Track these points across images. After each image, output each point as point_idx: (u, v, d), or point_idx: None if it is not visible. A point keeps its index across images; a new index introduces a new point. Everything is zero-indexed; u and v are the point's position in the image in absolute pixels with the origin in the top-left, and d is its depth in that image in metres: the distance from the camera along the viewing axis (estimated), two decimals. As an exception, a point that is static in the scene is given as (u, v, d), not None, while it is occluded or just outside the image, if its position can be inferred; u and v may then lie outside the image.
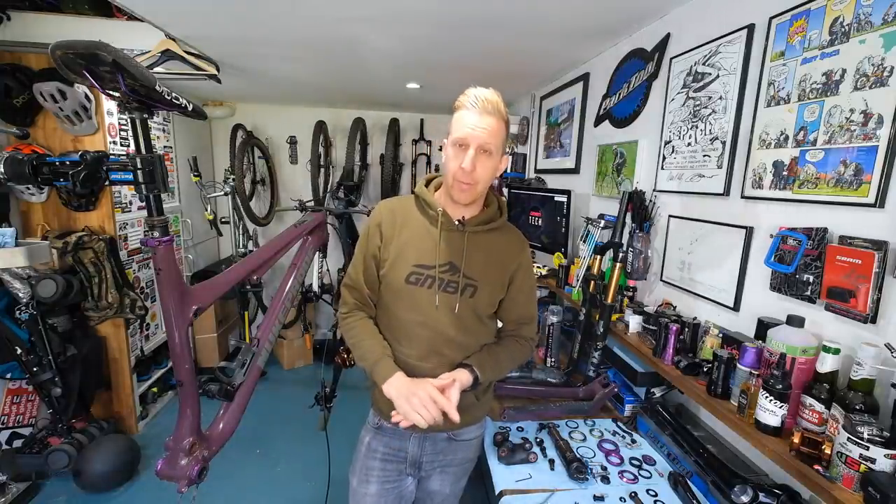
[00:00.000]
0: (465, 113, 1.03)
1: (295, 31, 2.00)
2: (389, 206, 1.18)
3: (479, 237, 1.14)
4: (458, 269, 1.11)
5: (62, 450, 2.21)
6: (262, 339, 1.34)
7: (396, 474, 1.23)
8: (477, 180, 1.05)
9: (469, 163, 1.01)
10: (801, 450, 0.98)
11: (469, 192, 1.06)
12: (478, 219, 1.14)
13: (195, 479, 1.07)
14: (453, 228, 1.12)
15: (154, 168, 0.96)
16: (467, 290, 1.11)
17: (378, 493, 1.21)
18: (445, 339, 1.12)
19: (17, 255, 2.02)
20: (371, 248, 1.16)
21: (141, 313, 2.63)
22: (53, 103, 2.21)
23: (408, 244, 1.12)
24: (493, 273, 1.14)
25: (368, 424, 1.28)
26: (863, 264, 0.97)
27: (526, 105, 3.34)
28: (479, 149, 1.02)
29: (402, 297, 1.12)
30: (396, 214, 1.16)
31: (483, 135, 1.01)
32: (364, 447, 1.24)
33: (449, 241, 1.12)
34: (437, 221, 1.11)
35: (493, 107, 1.02)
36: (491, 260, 1.14)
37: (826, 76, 1.11)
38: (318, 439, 2.14)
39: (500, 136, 1.05)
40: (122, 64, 0.81)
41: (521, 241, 1.21)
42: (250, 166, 3.81)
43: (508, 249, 1.17)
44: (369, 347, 1.13)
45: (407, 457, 1.22)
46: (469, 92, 1.04)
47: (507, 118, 1.06)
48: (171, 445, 1.07)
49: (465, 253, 1.11)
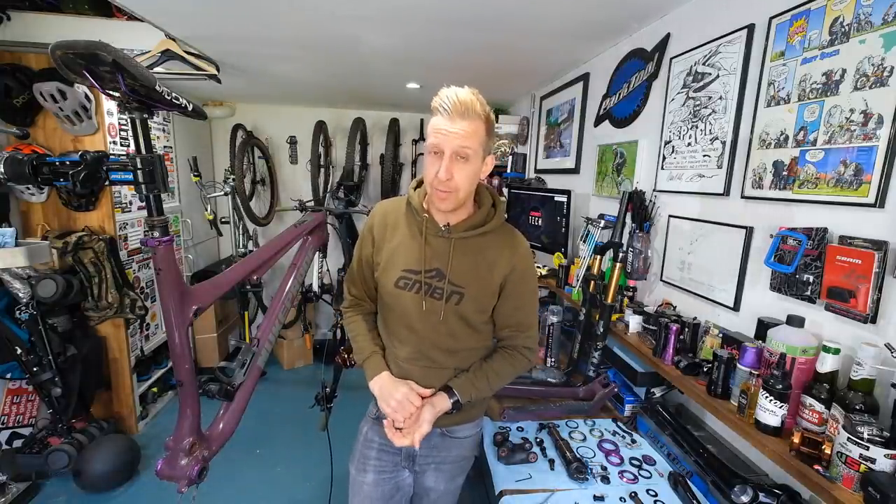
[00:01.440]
0: (438, 118, 0.97)
1: (295, 30, 2.00)
2: (384, 209, 1.18)
3: (467, 242, 1.09)
4: (444, 276, 1.08)
5: (62, 450, 2.21)
6: (262, 339, 1.34)
7: (392, 466, 1.24)
8: (456, 187, 1.00)
9: (444, 171, 0.97)
10: (801, 450, 0.98)
11: (449, 200, 1.02)
12: (466, 223, 1.09)
13: (195, 479, 1.07)
14: (440, 234, 1.09)
15: (154, 168, 0.95)
16: (453, 297, 1.09)
17: (375, 482, 1.23)
18: (432, 344, 1.12)
19: (18, 255, 2.02)
20: (364, 254, 1.19)
21: (141, 313, 2.63)
22: (53, 103, 2.21)
23: (398, 249, 1.12)
24: (481, 279, 1.09)
25: (368, 415, 1.30)
26: (863, 264, 0.97)
27: (526, 105, 3.34)
28: (453, 155, 0.97)
29: (393, 301, 1.13)
30: (388, 217, 1.16)
31: (456, 140, 0.96)
32: (362, 437, 1.28)
33: (435, 246, 1.09)
34: (422, 227, 1.10)
35: (465, 108, 0.95)
36: (480, 266, 1.09)
37: (826, 76, 1.11)
38: (318, 439, 2.14)
39: (478, 138, 0.98)
40: (122, 64, 0.81)
41: (516, 245, 1.13)
42: (250, 166, 3.81)
43: (500, 254, 1.10)
44: (362, 344, 1.19)
45: (402, 449, 1.23)
46: (441, 93, 0.97)
47: (486, 115, 0.98)
48: (171, 445, 1.07)
49: (451, 259, 1.08)
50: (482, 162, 1.03)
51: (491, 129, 1.02)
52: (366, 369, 1.15)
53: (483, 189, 1.15)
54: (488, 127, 1.00)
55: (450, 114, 0.96)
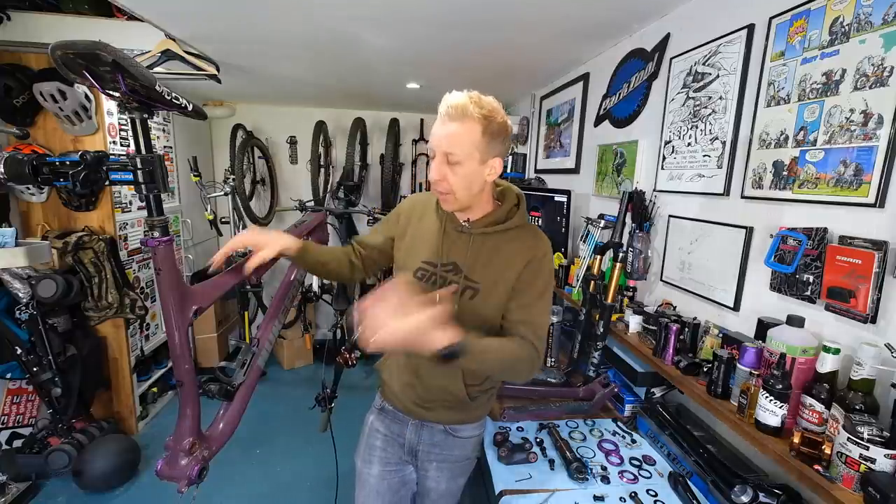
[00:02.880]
0: (436, 121, 1.01)
1: (295, 30, 2.00)
2: (415, 199, 1.24)
3: (487, 239, 1.10)
4: (460, 271, 1.10)
5: (62, 450, 2.21)
6: (262, 339, 1.34)
7: (396, 459, 1.27)
8: (451, 189, 1.01)
9: (434, 172, 1.01)
10: (801, 450, 0.98)
11: (448, 201, 1.04)
12: (485, 220, 1.10)
13: (195, 480, 1.06)
14: (460, 229, 1.11)
15: (154, 168, 0.95)
16: (467, 292, 1.10)
17: (380, 474, 1.25)
18: None
19: (18, 255, 2.02)
20: (385, 229, 1.26)
21: (141, 313, 2.63)
22: (53, 103, 2.21)
23: (421, 239, 1.16)
24: (497, 276, 1.08)
25: (374, 406, 1.33)
26: (863, 264, 0.97)
27: (526, 105, 3.34)
28: (443, 157, 0.99)
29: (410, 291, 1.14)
30: (416, 207, 1.21)
31: (444, 143, 0.98)
32: (368, 427, 1.31)
33: (454, 241, 1.12)
34: (443, 221, 1.13)
35: (457, 111, 0.96)
36: (497, 263, 1.09)
37: (826, 76, 1.11)
38: (318, 439, 2.14)
39: (469, 141, 0.97)
40: (122, 64, 0.81)
41: (535, 243, 1.10)
42: (250, 166, 3.81)
43: (518, 252, 1.08)
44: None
45: (405, 442, 1.25)
46: (443, 98, 1.00)
47: (482, 117, 0.97)
48: (170, 445, 1.07)
49: (469, 255, 1.10)
50: (481, 164, 1.00)
51: (492, 131, 0.98)
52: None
53: (508, 189, 1.15)
54: (487, 128, 0.97)
55: (443, 117, 0.99)
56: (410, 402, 1.22)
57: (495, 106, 1.00)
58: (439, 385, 1.16)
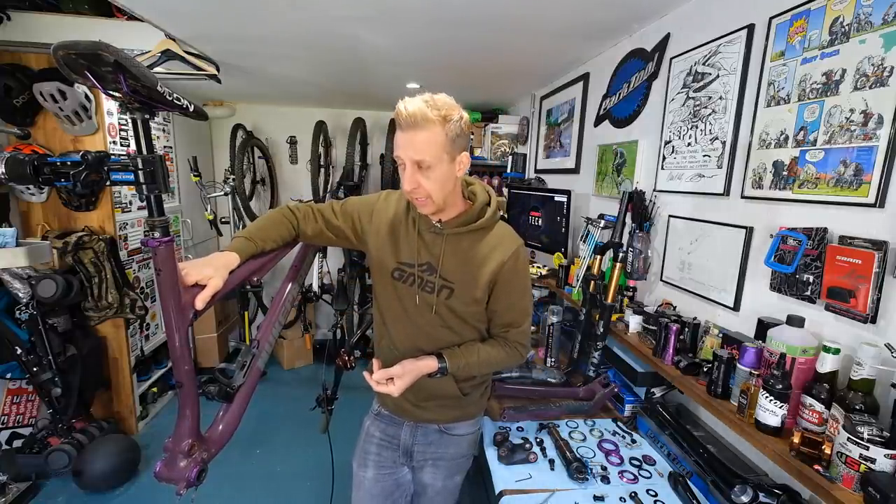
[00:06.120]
0: (398, 131, 1.00)
1: (294, 30, 2.00)
2: (388, 197, 1.20)
3: (459, 238, 1.11)
4: (435, 270, 1.11)
5: (62, 450, 2.21)
6: (263, 340, 1.34)
7: (391, 462, 1.29)
8: (427, 194, 1.01)
9: (407, 182, 1.00)
10: (801, 450, 0.98)
11: (427, 206, 1.04)
12: (457, 220, 1.10)
13: (194, 482, 1.06)
14: (433, 230, 1.11)
15: (155, 168, 0.95)
16: (443, 292, 1.12)
17: (375, 478, 1.28)
18: (425, 335, 1.16)
19: (18, 255, 2.02)
20: (351, 210, 1.19)
21: (141, 313, 2.62)
22: (53, 103, 2.21)
23: (395, 239, 1.15)
24: (471, 275, 1.10)
25: (371, 411, 1.35)
26: (863, 264, 0.97)
27: (526, 105, 3.34)
28: (414, 166, 0.99)
29: (389, 290, 1.17)
30: (390, 205, 1.18)
31: (411, 151, 0.98)
32: (364, 432, 1.33)
33: (428, 241, 1.13)
34: (416, 223, 1.13)
35: (415, 118, 0.95)
36: (470, 262, 1.10)
37: (826, 76, 1.11)
38: (318, 440, 2.13)
39: (436, 144, 0.97)
40: (124, 64, 0.81)
41: (509, 243, 1.12)
42: (250, 166, 3.81)
43: (492, 251, 1.11)
44: (253, 227, 1.15)
45: (400, 445, 1.27)
46: (397, 107, 0.98)
47: (442, 118, 0.97)
48: (169, 447, 1.07)
49: (443, 255, 1.11)
50: (450, 163, 1.01)
51: (454, 130, 0.99)
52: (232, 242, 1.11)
53: (479, 187, 1.16)
54: (449, 128, 0.98)
55: (403, 127, 0.98)
56: (405, 403, 1.23)
57: (450, 103, 1.00)
58: (432, 384, 1.18)
